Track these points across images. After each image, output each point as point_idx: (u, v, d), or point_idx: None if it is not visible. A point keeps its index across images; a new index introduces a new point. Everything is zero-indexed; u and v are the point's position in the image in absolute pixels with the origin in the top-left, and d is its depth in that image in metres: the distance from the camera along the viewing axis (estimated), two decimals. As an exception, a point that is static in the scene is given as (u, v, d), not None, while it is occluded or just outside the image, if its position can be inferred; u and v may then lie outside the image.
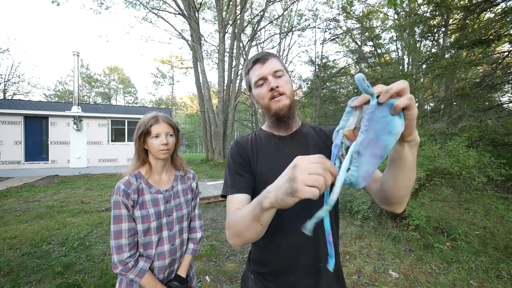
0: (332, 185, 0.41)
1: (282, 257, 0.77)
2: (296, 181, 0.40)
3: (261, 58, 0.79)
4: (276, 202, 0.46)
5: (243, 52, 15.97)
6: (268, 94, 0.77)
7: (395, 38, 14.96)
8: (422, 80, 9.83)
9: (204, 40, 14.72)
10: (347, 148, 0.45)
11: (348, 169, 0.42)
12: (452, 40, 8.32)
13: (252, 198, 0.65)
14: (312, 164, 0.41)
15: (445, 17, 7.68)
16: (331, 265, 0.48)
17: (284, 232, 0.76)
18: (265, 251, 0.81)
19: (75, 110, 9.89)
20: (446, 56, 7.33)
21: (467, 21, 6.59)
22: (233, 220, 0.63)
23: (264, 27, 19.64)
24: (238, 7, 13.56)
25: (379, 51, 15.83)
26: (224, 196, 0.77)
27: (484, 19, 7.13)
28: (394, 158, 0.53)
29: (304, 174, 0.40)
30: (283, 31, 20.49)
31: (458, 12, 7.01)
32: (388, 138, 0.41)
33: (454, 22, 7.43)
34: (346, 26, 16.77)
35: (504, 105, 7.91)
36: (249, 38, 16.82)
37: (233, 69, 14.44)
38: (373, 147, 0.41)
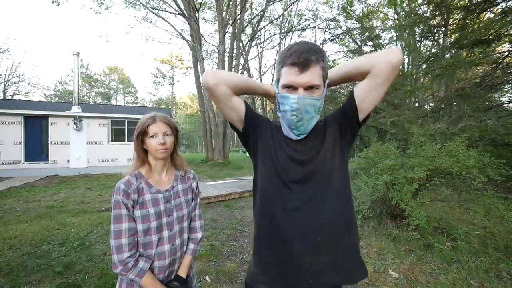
0: None
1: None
2: None
3: (302, 63, 0.67)
4: None
5: (243, 52, 15.98)
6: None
7: (395, 38, 14.94)
8: (422, 80, 9.82)
9: (204, 40, 14.72)
10: None
11: None
12: (452, 40, 8.33)
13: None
14: None
15: (445, 17, 7.67)
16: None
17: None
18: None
19: (75, 110, 9.89)
20: (446, 56, 7.33)
21: (467, 21, 6.59)
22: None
23: (264, 27, 19.68)
24: (238, 7, 13.56)
25: (379, 51, 15.81)
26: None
27: (484, 19, 7.13)
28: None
29: None
30: (283, 31, 20.48)
31: (458, 12, 7.00)
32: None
33: (454, 22, 7.42)
34: (346, 26, 16.76)
35: (504, 105, 7.92)
36: (249, 38, 16.84)
37: (233, 69, 14.42)
38: None
